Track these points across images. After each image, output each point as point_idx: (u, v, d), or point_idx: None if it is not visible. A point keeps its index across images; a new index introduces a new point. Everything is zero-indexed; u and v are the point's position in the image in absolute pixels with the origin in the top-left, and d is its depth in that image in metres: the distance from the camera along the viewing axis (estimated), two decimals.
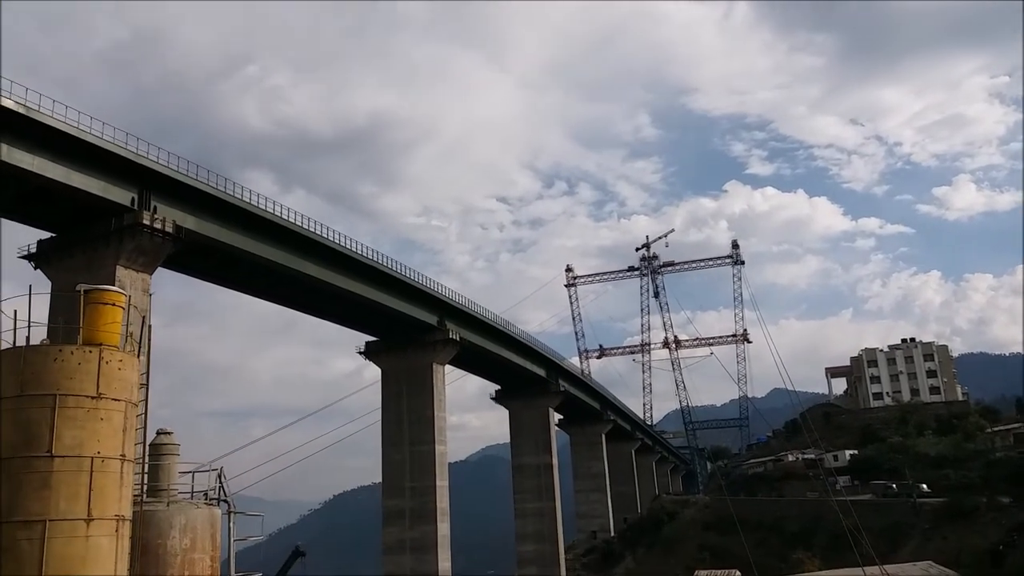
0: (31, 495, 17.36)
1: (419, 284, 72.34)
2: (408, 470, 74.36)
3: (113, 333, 19.84)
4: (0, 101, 38.73)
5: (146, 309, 43.60)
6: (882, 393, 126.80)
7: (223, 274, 59.34)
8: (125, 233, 45.41)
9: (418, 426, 74.95)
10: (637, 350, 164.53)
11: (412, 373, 76.27)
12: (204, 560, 21.87)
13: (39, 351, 18.57)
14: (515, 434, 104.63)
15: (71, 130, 42.10)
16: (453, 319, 77.76)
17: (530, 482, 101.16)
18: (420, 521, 72.77)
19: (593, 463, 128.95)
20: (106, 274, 43.79)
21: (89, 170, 43.87)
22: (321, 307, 70.49)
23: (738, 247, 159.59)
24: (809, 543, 77.37)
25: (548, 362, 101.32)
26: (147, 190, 47.02)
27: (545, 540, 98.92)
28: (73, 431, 17.94)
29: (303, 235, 58.17)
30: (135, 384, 19.92)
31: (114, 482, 18.47)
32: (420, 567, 71.77)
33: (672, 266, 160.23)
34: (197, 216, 50.31)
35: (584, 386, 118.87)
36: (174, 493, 23.06)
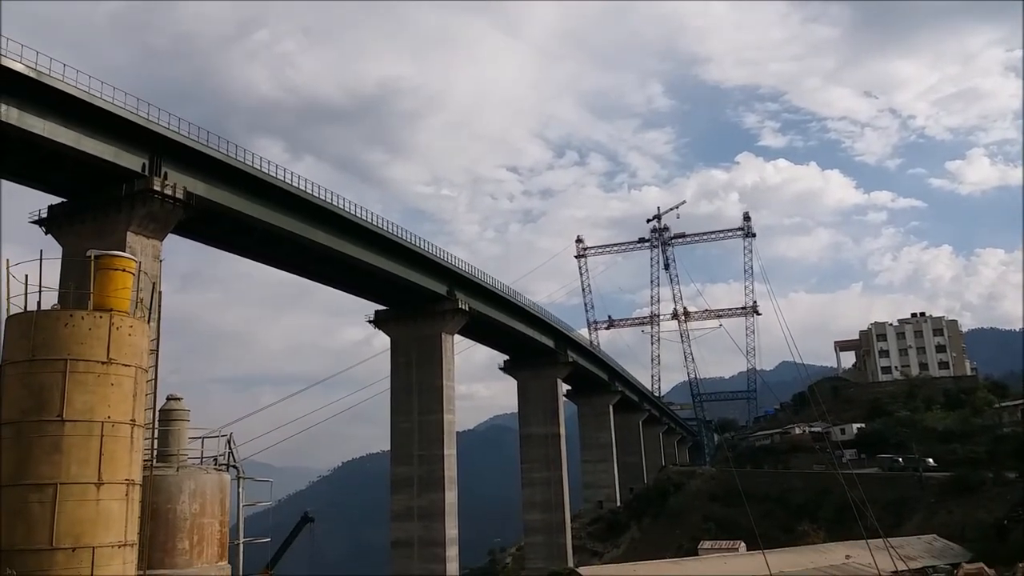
0: (42, 459, 17.54)
1: (429, 253, 72.26)
2: (416, 439, 74.92)
3: (123, 299, 19.89)
4: (11, 65, 38.51)
5: (156, 275, 43.88)
6: (891, 367, 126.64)
7: (233, 241, 59.38)
8: (136, 199, 45.39)
9: (427, 395, 75.38)
10: (646, 322, 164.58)
11: (421, 342, 76.51)
12: (213, 525, 22.12)
13: (50, 316, 18.64)
14: (523, 404, 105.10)
15: (82, 95, 41.89)
16: (462, 289, 77.77)
17: (537, 452, 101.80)
18: (428, 489, 73.48)
19: (600, 433, 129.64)
20: (117, 240, 43.89)
21: (100, 135, 43.72)
22: (331, 275, 70.57)
23: (749, 219, 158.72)
24: (814, 515, 77.72)
25: (557, 333, 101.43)
26: (158, 156, 46.88)
27: (551, 509, 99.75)
28: (84, 396, 18.08)
29: (313, 203, 58.03)
30: (145, 350, 20.01)
31: (124, 447, 18.63)
32: (428, 534, 72.62)
33: (683, 238, 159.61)
34: (208, 183, 50.21)
35: (592, 357, 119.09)
36: (184, 458, 23.27)
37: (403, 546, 73.80)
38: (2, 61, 38.15)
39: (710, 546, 66.87)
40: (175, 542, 21.17)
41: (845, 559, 53.59)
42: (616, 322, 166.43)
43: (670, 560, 62.84)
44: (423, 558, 72.41)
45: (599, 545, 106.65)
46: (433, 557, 71.99)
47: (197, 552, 21.47)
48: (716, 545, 67.47)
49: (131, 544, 18.76)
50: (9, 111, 39.35)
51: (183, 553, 21.22)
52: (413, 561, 72.81)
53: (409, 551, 73.27)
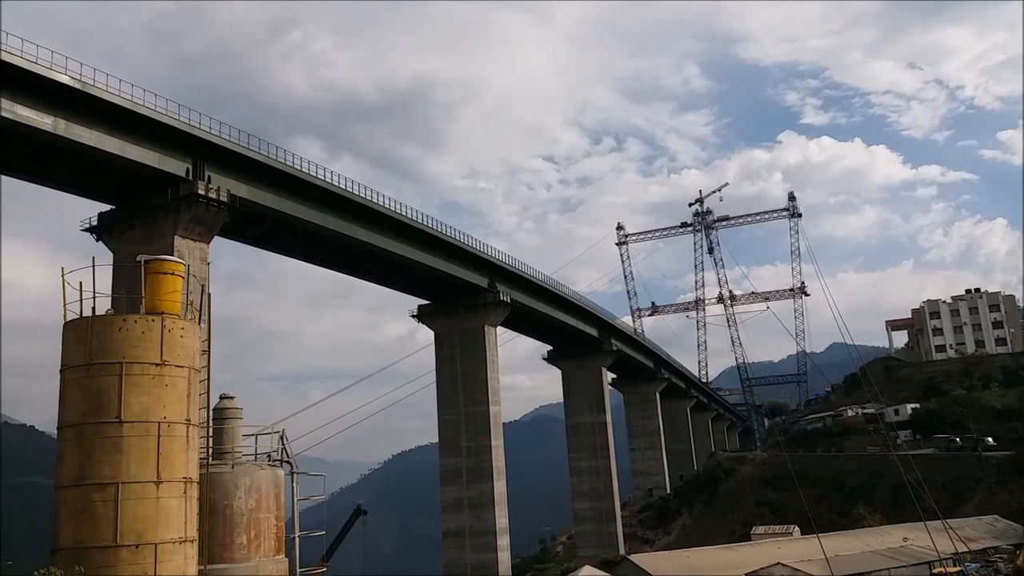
0: (104, 459, 18.05)
1: (468, 246, 72.49)
2: (464, 430, 75.44)
3: (174, 302, 20.32)
4: (57, 77, 39.53)
5: (205, 278, 44.74)
6: (945, 345, 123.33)
7: (277, 241, 60.27)
8: (181, 203, 46.30)
9: (472, 387, 75.80)
10: (691, 307, 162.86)
11: (464, 335, 76.91)
12: (269, 519, 22.54)
13: (104, 321, 19.12)
14: (568, 394, 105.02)
15: (125, 103, 42.82)
16: (503, 281, 77.88)
17: (584, 441, 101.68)
18: (477, 479, 73.98)
19: (648, 421, 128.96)
20: (165, 244, 44.85)
21: (144, 142, 44.68)
22: (373, 272, 71.24)
23: (795, 199, 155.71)
24: (870, 498, 76.47)
25: (599, 321, 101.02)
26: (201, 160, 47.74)
27: (601, 498, 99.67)
28: (140, 397, 18.54)
29: (354, 201, 58.57)
30: (197, 351, 20.44)
31: (181, 446, 19.08)
32: (478, 524, 73.16)
33: (726, 221, 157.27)
34: (250, 185, 50.99)
35: (637, 345, 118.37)
36: (238, 455, 23.71)
37: (454, 536, 74.48)
38: (50, 74, 39.19)
39: (763, 531, 66.14)
40: (233, 537, 21.63)
41: (903, 542, 52.62)
42: (660, 308, 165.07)
43: (723, 546, 62.37)
44: (474, 548, 73.00)
45: (650, 532, 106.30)
46: (484, 547, 72.53)
47: (255, 546, 21.92)
48: (769, 530, 66.71)
49: (191, 540, 19.23)
50: (57, 122, 40.43)
51: (241, 548, 21.68)
52: (465, 551, 73.45)
53: (460, 541, 73.92)
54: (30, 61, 38.41)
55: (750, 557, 52.02)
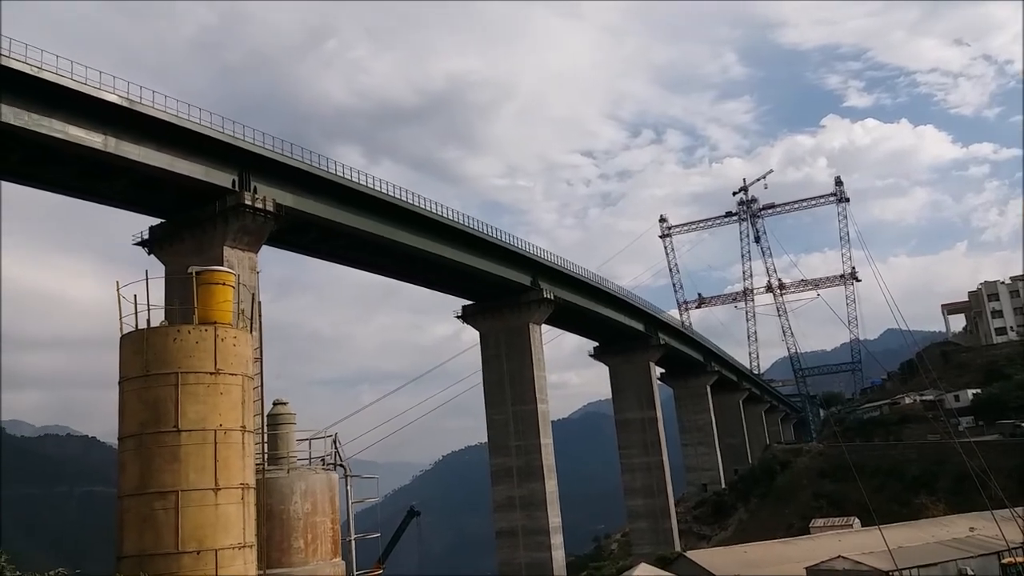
0: (163, 468, 18.43)
1: (510, 245, 72.50)
2: (512, 429, 75.44)
3: (226, 311, 20.65)
4: (106, 97, 40.60)
5: (254, 286, 45.44)
6: (1005, 328, 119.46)
7: (322, 248, 61.01)
8: (229, 214, 47.14)
9: (519, 386, 75.77)
10: (739, 298, 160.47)
11: (509, 334, 76.92)
12: (325, 523, 22.78)
13: (159, 332, 19.51)
14: (616, 390, 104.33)
15: (171, 119, 43.77)
16: (546, 278, 77.72)
17: (635, 437, 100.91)
18: (528, 479, 73.93)
19: (699, 415, 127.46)
20: (214, 255, 45.71)
21: (191, 156, 45.62)
22: (416, 274, 71.68)
23: (841, 184, 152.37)
24: (932, 488, 74.63)
25: (646, 316, 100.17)
26: (246, 171, 48.57)
27: (654, 494, 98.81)
28: (196, 406, 18.88)
29: (395, 205, 59.01)
30: (250, 358, 20.74)
31: (237, 452, 19.38)
32: (531, 523, 73.12)
33: (772, 208, 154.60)
34: (295, 193, 51.71)
35: (685, 338, 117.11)
36: (293, 460, 24.00)
37: (507, 536, 74.55)
38: (98, 94, 40.25)
39: (823, 524, 65.02)
40: (291, 541, 21.91)
41: (969, 532, 51.19)
42: (707, 300, 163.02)
43: (782, 540, 61.46)
44: (528, 547, 72.97)
45: (706, 528, 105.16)
46: (538, 546, 72.45)
47: (312, 550, 22.17)
48: (829, 523, 65.56)
49: (250, 545, 19.52)
50: (107, 140, 41.51)
51: (299, 552, 21.95)
52: (518, 550, 73.47)
53: (514, 540, 73.96)
54: (79, 82, 39.51)
55: (810, 550, 51.14)
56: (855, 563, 44.73)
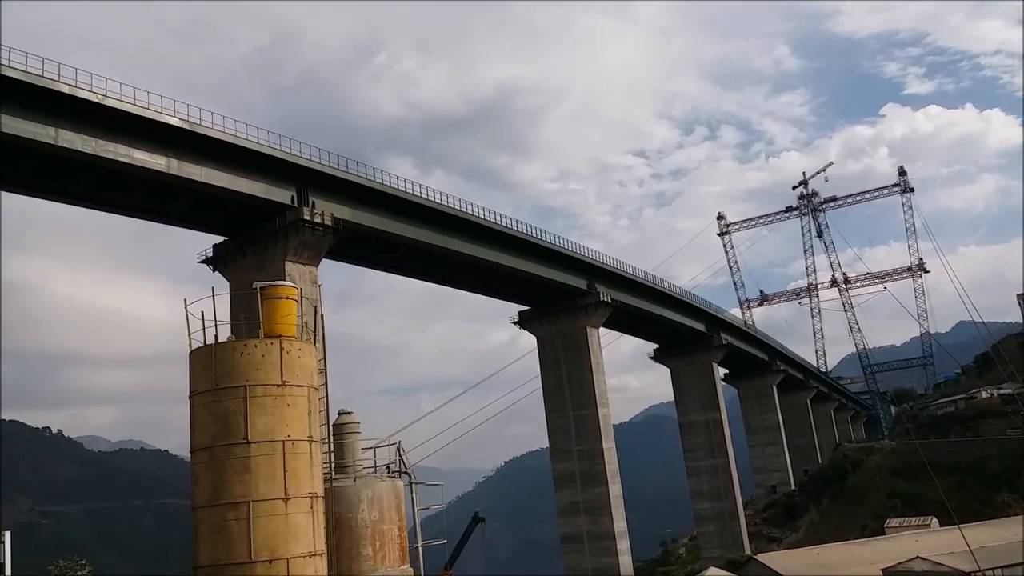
0: (234, 479, 18.84)
1: (565, 249, 72.31)
2: (574, 434, 75.11)
3: (290, 324, 21.07)
4: (167, 120, 41.96)
5: (316, 299, 46.28)
6: None
7: (379, 259, 61.83)
8: (289, 230, 48.19)
9: (578, 390, 75.41)
10: (802, 294, 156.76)
11: (567, 338, 76.64)
12: (392, 530, 22.99)
13: (227, 347, 20.00)
14: (679, 392, 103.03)
15: (231, 139, 45.02)
16: (602, 281, 77.25)
17: (700, 439, 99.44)
18: (591, 483, 73.47)
19: (766, 416, 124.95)
20: (276, 270, 46.77)
21: (251, 174, 46.80)
22: (472, 282, 72.03)
23: (905, 173, 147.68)
24: (1013, 485, 71.82)
25: (707, 316, 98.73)
26: (304, 187, 49.58)
27: (721, 497, 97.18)
28: (264, 418, 19.27)
29: (449, 214, 59.48)
30: (314, 370, 21.11)
31: (305, 462, 19.71)
32: (596, 528, 72.64)
33: (834, 201, 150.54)
34: (352, 207, 52.57)
35: (748, 337, 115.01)
36: (359, 468, 24.33)
37: (573, 541, 74.18)
38: (160, 117, 41.64)
39: (898, 524, 63.09)
40: (359, 549, 22.17)
41: None
42: (769, 297, 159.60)
43: (856, 541, 59.87)
44: (594, 552, 72.49)
45: (776, 531, 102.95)
46: (604, 551, 71.91)
47: (380, 557, 22.39)
48: (905, 523, 63.58)
49: (320, 554, 19.81)
50: (169, 162, 42.89)
51: (367, 559, 22.19)
52: (584, 555, 73.04)
53: (579, 546, 73.56)
54: (141, 107, 40.95)
55: (886, 552, 49.64)
56: (934, 564, 43.23)
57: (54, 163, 40.60)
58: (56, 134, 38.48)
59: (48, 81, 37.50)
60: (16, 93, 36.71)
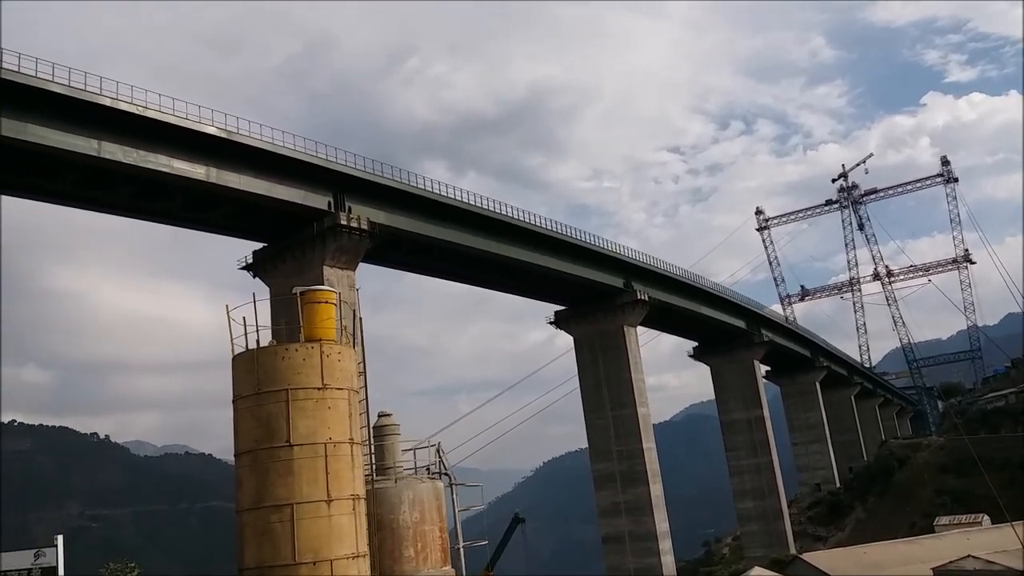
0: (277, 482, 19.08)
1: (600, 248, 71.91)
2: (613, 434, 74.64)
3: (329, 328, 21.31)
4: (205, 129, 42.67)
5: (354, 303, 46.72)
6: None
7: (414, 261, 62.13)
8: (327, 235, 48.67)
9: (617, 390, 74.93)
10: (844, 288, 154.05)
11: (604, 338, 76.20)
12: (434, 531, 23.09)
13: (269, 352, 20.28)
14: (719, 390, 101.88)
15: (268, 146, 45.60)
16: (639, 279, 76.69)
17: (742, 438, 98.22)
18: (631, 484, 72.96)
19: (809, 413, 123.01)
20: (315, 275, 47.18)
21: (288, 181, 47.37)
22: (507, 282, 72.00)
23: (948, 163, 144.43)
24: None
25: (747, 312, 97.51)
26: (340, 192, 50.06)
27: (765, 496, 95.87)
28: (306, 421, 19.50)
29: (483, 215, 59.55)
30: (354, 372, 21.30)
31: (346, 464, 19.88)
32: (638, 528, 72.10)
33: (875, 193, 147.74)
34: (387, 211, 52.90)
35: (790, 333, 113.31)
36: (400, 470, 24.48)
37: (614, 541, 73.74)
38: (199, 127, 42.36)
39: (948, 522, 61.50)
40: (401, 550, 22.31)
41: None
42: (811, 292, 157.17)
43: (905, 539, 58.57)
44: (636, 553, 71.97)
45: (821, 529, 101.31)
46: (646, 551, 71.37)
47: (422, 558, 22.51)
48: (955, 520, 61.96)
49: (363, 555, 19.96)
50: (209, 171, 43.61)
51: (410, 560, 22.32)
52: (626, 556, 72.54)
53: (621, 546, 73.09)
54: (180, 117, 41.66)
55: (936, 550, 48.43)
56: (987, 563, 42.03)
57: (97, 174, 41.51)
58: (99, 146, 39.32)
59: (90, 95, 38.34)
60: (60, 108, 37.61)
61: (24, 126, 36.92)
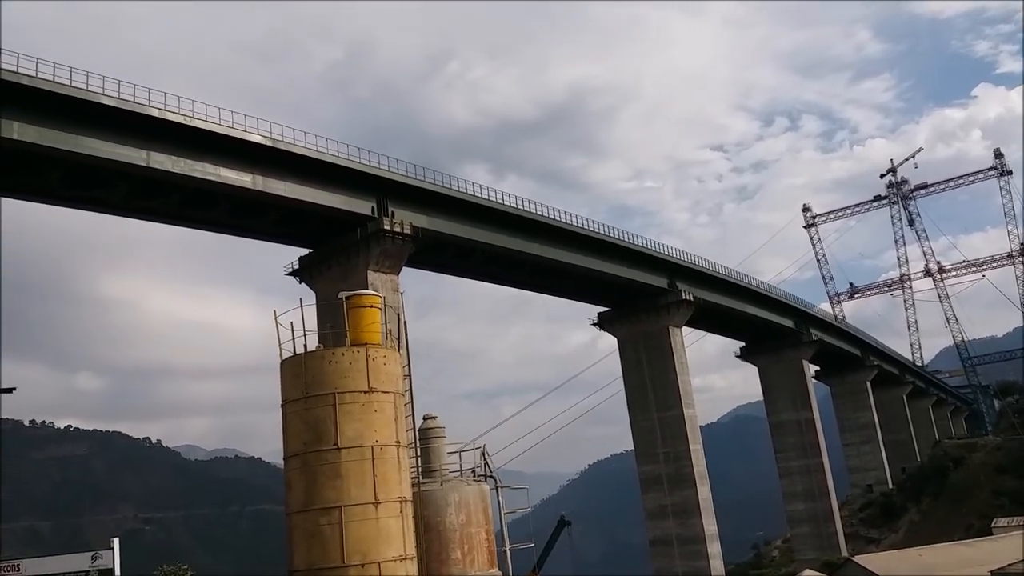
0: (326, 484, 19.28)
1: (643, 248, 71.37)
2: (659, 436, 73.95)
3: (375, 332, 21.47)
4: (252, 138, 43.43)
5: (399, 307, 47.08)
6: None
7: (457, 265, 62.36)
8: (371, 240, 49.13)
9: (662, 391, 74.23)
10: (894, 285, 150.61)
11: (648, 339, 75.55)
12: (480, 533, 23.10)
13: (316, 356, 20.51)
14: (767, 391, 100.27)
15: (312, 153, 46.23)
16: (684, 279, 75.91)
17: (791, 439, 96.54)
18: (678, 486, 72.19)
19: (860, 413, 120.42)
20: (359, 280, 47.71)
21: (332, 187, 47.96)
22: (549, 284, 71.84)
23: (1002, 156, 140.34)
24: None
25: (794, 311, 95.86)
26: (383, 197, 50.48)
27: (815, 498, 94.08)
28: (353, 424, 19.67)
29: (525, 217, 59.56)
30: (399, 376, 21.43)
31: (393, 467, 20.00)
32: (685, 531, 71.30)
33: (925, 188, 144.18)
34: (429, 215, 53.21)
35: (839, 332, 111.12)
36: (445, 472, 24.55)
37: (662, 544, 73.02)
38: (244, 136, 43.14)
39: (1006, 523, 59.76)
40: (448, 552, 22.37)
41: None
42: (860, 290, 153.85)
43: (960, 542, 57.01)
44: (684, 556, 71.18)
45: (874, 532, 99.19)
46: (695, 554, 70.54)
47: (469, 560, 22.54)
48: (1013, 522, 60.13)
49: (411, 557, 20.05)
50: (255, 179, 44.34)
51: (457, 563, 22.36)
52: (674, 559, 71.79)
53: (669, 549, 72.35)
54: (226, 126, 42.47)
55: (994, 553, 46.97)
56: None
57: (146, 184, 42.50)
58: (148, 156, 40.27)
59: (139, 106, 39.28)
60: (111, 120, 38.61)
61: (77, 138, 38.03)
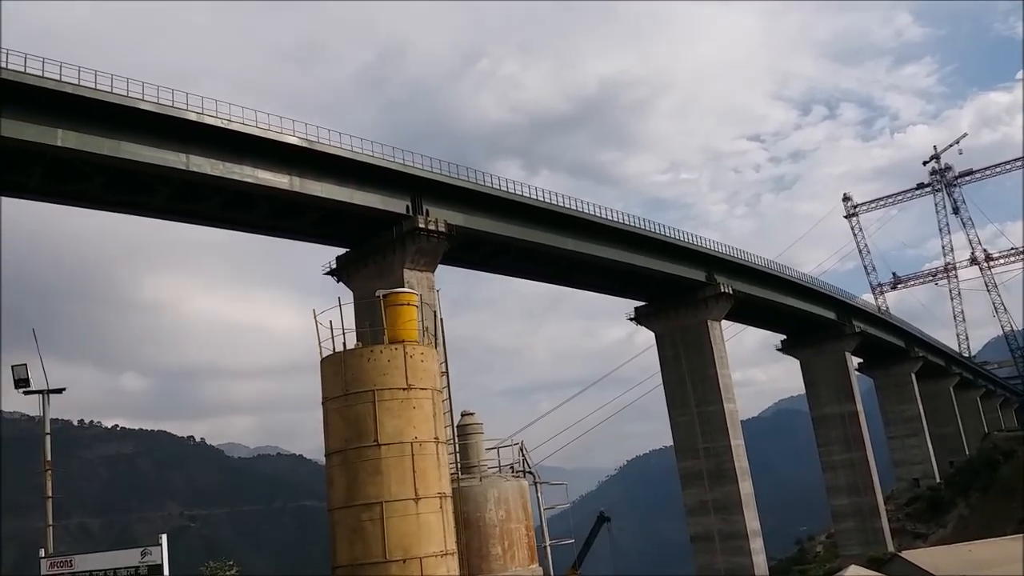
0: (367, 481, 19.47)
1: (680, 241, 70.70)
2: (699, 431, 73.27)
3: (412, 330, 21.63)
4: (288, 140, 43.97)
5: (435, 304, 47.31)
6: None
7: (492, 262, 62.43)
8: (406, 238, 49.43)
9: (701, 386, 73.51)
10: (939, 275, 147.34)
11: (686, 333, 74.81)
12: (520, 529, 23.13)
13: (355, 354, 20.72)
14: (810, 384, 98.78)
15: (348, 154, 46.64)
16: (722, 272, 75.03)
17: (835, 433, 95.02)
18: (719, 482, 71.49)
19: (905, 406, 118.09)
20: (395, 278, 48.03)
21: (368, 187, 48.34)
22: (585, 279, 71.53)
23: None
24: None
25: (836, 303, 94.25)
26: (418, 196, 50.76)
27: (860, 492, 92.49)
28: (392, 420, 19.83)
29: (559, 212, 59.36)
30: (437, 373, 21.56)
31: (432, 463, 20.12)
32: (727, 527, 70.58)
33: (970, 175, 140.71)
34: (464, 212, 53.35)
35: (883, 323, 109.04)
36: (484, 468, 24.63)
37: (703, 540, 72.41)
38: (281, 137, 43.69)
39: None
40: (488, 548, 22.44)
41: None
42: (903, 280, 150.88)
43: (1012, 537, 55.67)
44: (726, 551, 70.49)
45: (921, 526, 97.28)
46: (737, 550, 69.81)
47: (509, 556, 22.58)
48: None
49: (451, 553, 20.15)
50: (292, 180, 44.88)
51: (497, 558, 22.42)
52: (716, 555, 71.14)
53: (710, 545, 71.72)
54: (263, 128, 43.04)
55: None
56: None
57: (186, 187, 43.26)
58: (187, 160, 40.97)
59: (177, 111, 39.97)
60: (150, 124, 39.36)
61: (118, 144, 38.81)
